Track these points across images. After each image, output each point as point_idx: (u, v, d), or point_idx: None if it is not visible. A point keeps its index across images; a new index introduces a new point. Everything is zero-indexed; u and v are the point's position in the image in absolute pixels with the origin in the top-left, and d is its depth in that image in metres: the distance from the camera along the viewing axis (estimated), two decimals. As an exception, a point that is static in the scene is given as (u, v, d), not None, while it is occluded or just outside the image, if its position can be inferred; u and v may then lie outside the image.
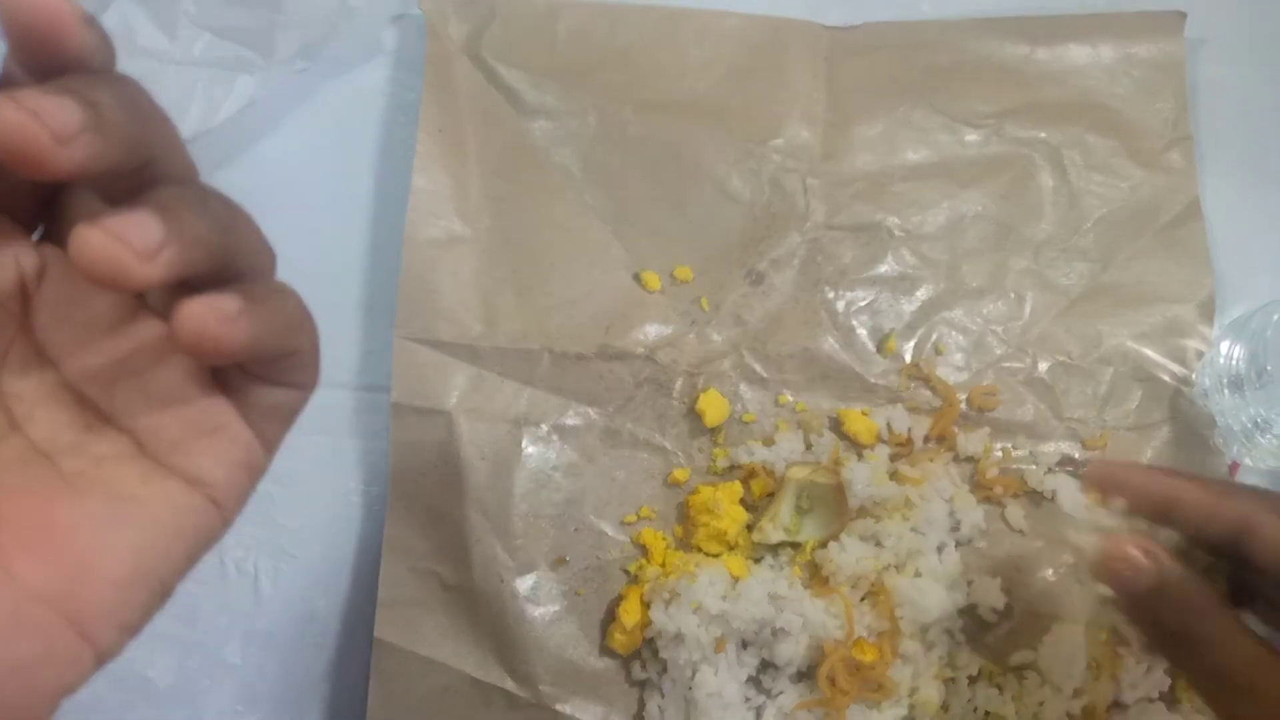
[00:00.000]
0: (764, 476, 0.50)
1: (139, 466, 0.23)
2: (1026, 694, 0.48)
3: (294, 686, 0.50)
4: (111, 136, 0.19)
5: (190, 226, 0.20)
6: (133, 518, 0.23)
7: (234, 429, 0.24)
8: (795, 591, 0.47)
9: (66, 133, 0.18)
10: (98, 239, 0.19)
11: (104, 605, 0.22)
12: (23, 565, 0.21)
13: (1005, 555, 0.50)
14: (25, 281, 0.23)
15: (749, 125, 0.56)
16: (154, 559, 0.23)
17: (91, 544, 0.22)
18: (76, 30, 0.19)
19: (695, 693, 0.46)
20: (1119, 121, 0.56)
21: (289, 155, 0.57)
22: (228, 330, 0.21)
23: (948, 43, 0.57)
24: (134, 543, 0.22)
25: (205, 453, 0.24)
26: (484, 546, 0.49)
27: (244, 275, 0.22)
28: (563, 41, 0.56)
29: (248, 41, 0.52)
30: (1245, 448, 0.49)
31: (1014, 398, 0.52)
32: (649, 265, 0.54)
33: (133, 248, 0.19)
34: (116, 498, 0.23)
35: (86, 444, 0.23)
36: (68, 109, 0.18)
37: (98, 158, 0.19)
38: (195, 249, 0.20)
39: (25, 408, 0.23)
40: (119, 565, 0.22)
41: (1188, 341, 0.52)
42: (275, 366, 0.24)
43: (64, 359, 0.23)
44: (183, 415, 0.24)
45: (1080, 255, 0.54)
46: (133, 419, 0.23)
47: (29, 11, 0.19)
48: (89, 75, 0.20)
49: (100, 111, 0.19)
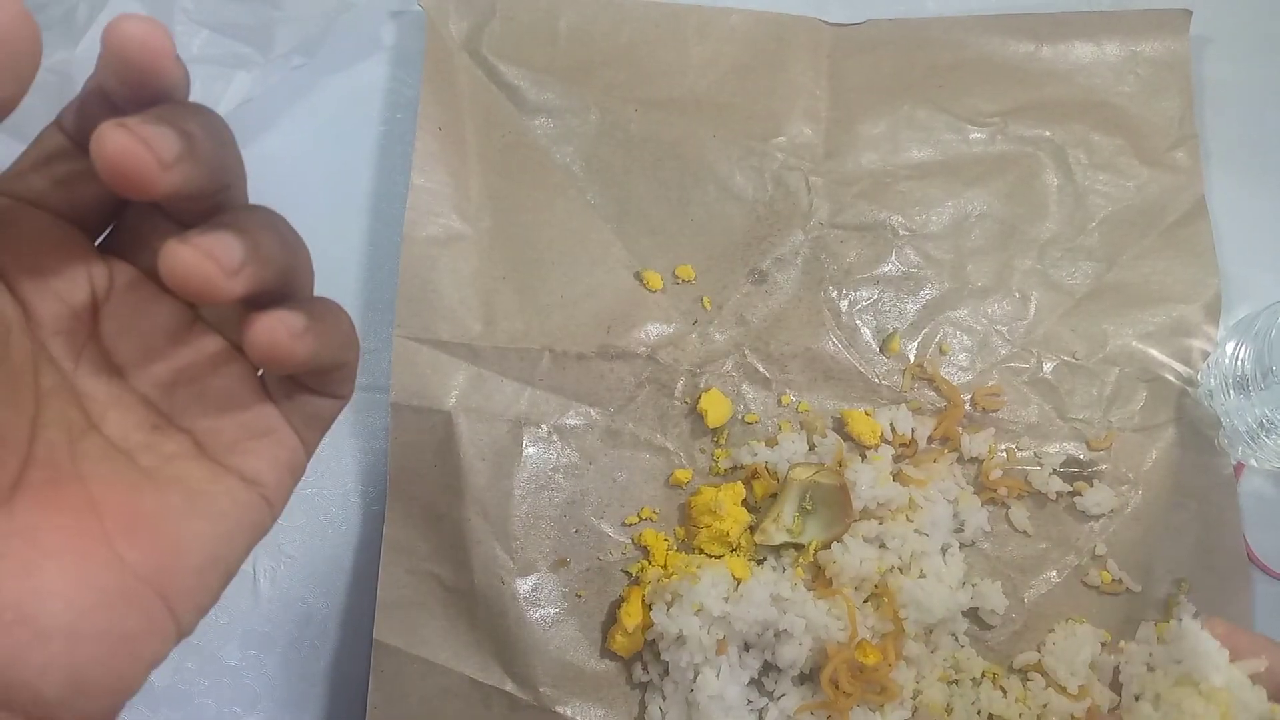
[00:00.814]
0: (766, 477, 0.50)
1: (204, 465, 0.25)
2: (1030, 696, 0.47)
3: (293, 688, 0.50)
4: (202, 162, 0.21)
5: (265, 247, 0.22)
6: (207, 510, 0.24)
7: (282, 433, 0.26)
8: (798, 593, 0.46)
9: (168, 159, 0.20)
10: (189, 255, 0.21)
11: (187, 587, 0.24)
12: (126, 547, 0.23)
13: (1009, 557, 0.50)
14: (96, 292, 0.24)
15: (752, 123, 0.55)
16: (224, 548, 0.25)
17: (177, 531, 0.24)
18: (171, 64, 0.21)
19: (697, 695, 0.45)
20: (1124, 120, 0.55)
21: (287, 152, 0.56)
22: (295, 344, 0.23)
23: (951, 40, 0.56)
24: (209, 532, 0.24)
25: (258, 454, 0.26)
26: (484, 548, 0.49)
27: (298, 294, 0.25)
28: (564, 39, 0.56)
29: (246, 38, 0.52)
30: (1250, 449, 0.49)
31: (1018, 398, 0.52)
32: (651, 264, 0.53)
33: (219, 264, 0.21)
34: (192, 491, 0.24)
35: (156, 443, 0.25)
36: (169, 138, 0.20)
37: (190, 182, 0.21)
38: (268, 268, 0.23)
39: (99, 408, 0.24)
40: (199, 552, 0.24)
41: (1193, 342, 0.52)
42: (324, 378, 0.26)
43: (129, 365, 0.25)
44: (237, 419, 0.26)
45: (1085, 254, 0.54)
46: (192, 422, 0.25)
47: (134, 45, 0.21)
48: (180, 106, 0.22)
49: (193, 140, 0.21)
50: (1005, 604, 0.49)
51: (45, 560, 0.22)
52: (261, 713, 0.50)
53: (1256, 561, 0.50)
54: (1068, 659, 0.47)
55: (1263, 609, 0.49)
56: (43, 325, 0.23)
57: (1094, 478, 0.51)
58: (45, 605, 0.21)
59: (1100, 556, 0.50)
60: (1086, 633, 0.48)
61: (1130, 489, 0.50)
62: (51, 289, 0.23)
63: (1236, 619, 0.49)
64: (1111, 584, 0.49)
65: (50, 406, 0.23)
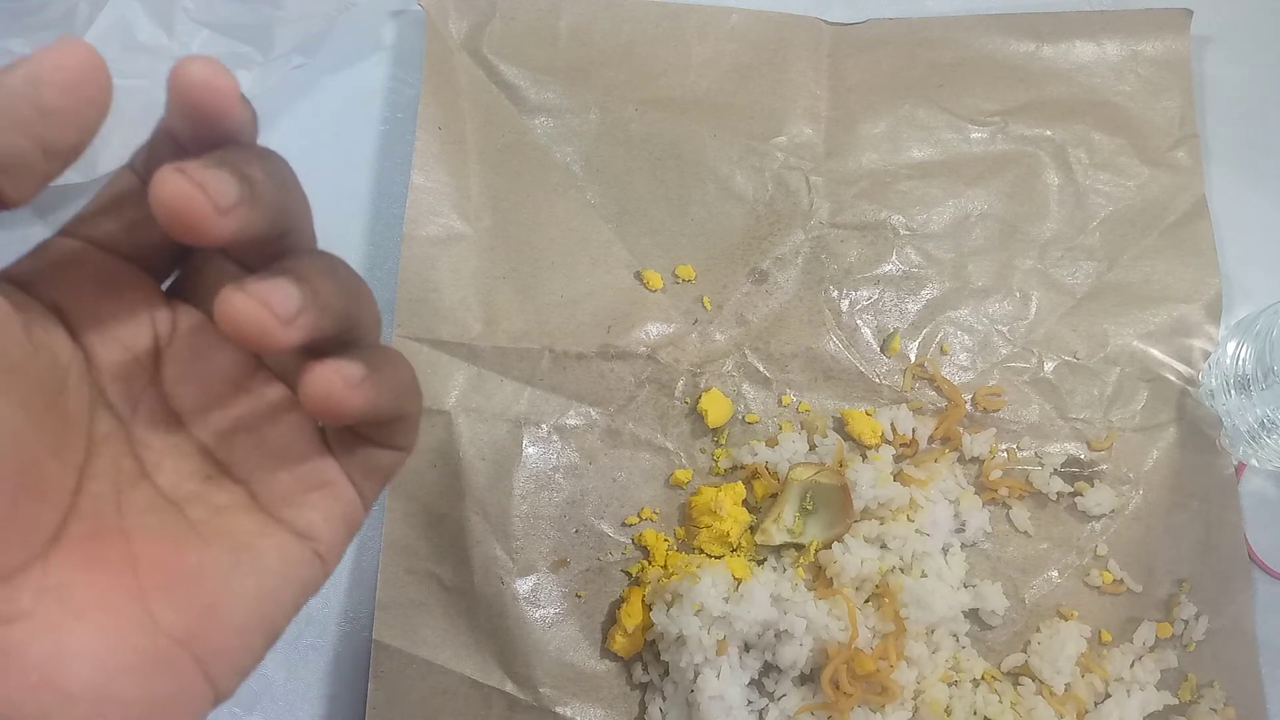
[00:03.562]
0: (767, 477, 0.50)
1: (255, 518, 0.24)
2: (1021, 701, 0.47)
3: (292, 688, 0.50)
4: (262, 208, 0.21)
5: (323, 294, 0.22)
6: (253, 566, 0.23)
7: (340, 486, 0.25)
8: (799, 593, 0.46)
9: (226, 204, 0.20)
10: (243, 302, 0.20)
11: (226, 649, 0.23)
12: (160, 607, 0.22)
13: (1010, 557, 0.50)
14: (159, 338, 0.24)
15: (752, 122, 0.55)
16: (270, 606, 0.24)
17: (218, 589, 0.23)
18: (236, 107, 0.21)
19: (697, 696, 0.45)
20: (1125, 119, 0.55)
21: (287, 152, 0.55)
22: (351, 395, 0.22)
23: (952, 39, 0.56)
24: (254, 590, 0.23)
25: (314, 507, 0.25)
26: (484, 548, 0.48)
27: (360, 342, 0.24)
28: (564, 38, 0.56)
29: (246, 37, 0.52)
30: (1251, 449, 0.49)
31: (1019, 398, 0.52)
32: (651, 264, 0.53)
33: (274, 313, 0.20)
34: (239, 546, 0.23)
35: (208, 494, 0.24)
36: (227, 182, 0.20)
37: (249, 227, 0.21)
38: (327, 315, 0.22)
39: (155, 457, 0.24)
40: (241, 612, 0.23)
41: (1194, 341, 0.52)
42: (384, 429, 0.25)
43: (188, 412, 0.24)
44: (295, 471, 0.25)
45: (1086, 254, 0.54)
46: (248, 472, 0.24)
47: (198, 89, 0.20)
48: (243, 149, 0.21)
49: (254, 185, 0.21)
50: (1006, 604, 0.49)
51: (75, 620, 0.21)
52: (261, 713, 0.50)
53: (1258, 561, 0.50)
54: (1052, 657, 0.47)
55: (1263, 609, 0.49)
56: (103, 371, 0.23)
57: (1095, 478, 0.50)
58: (72, 668, 0.20)
59: (1101, 557, 0.50)
60: (1071, 629, 0.48)
61: (1131, 489, 0.50)
62: (115, 334, 0.23)
63: (1237, 619, 0.49)
64: (1112, 584, 0.49)
65: (102, 455, 0.23)
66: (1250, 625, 0.49)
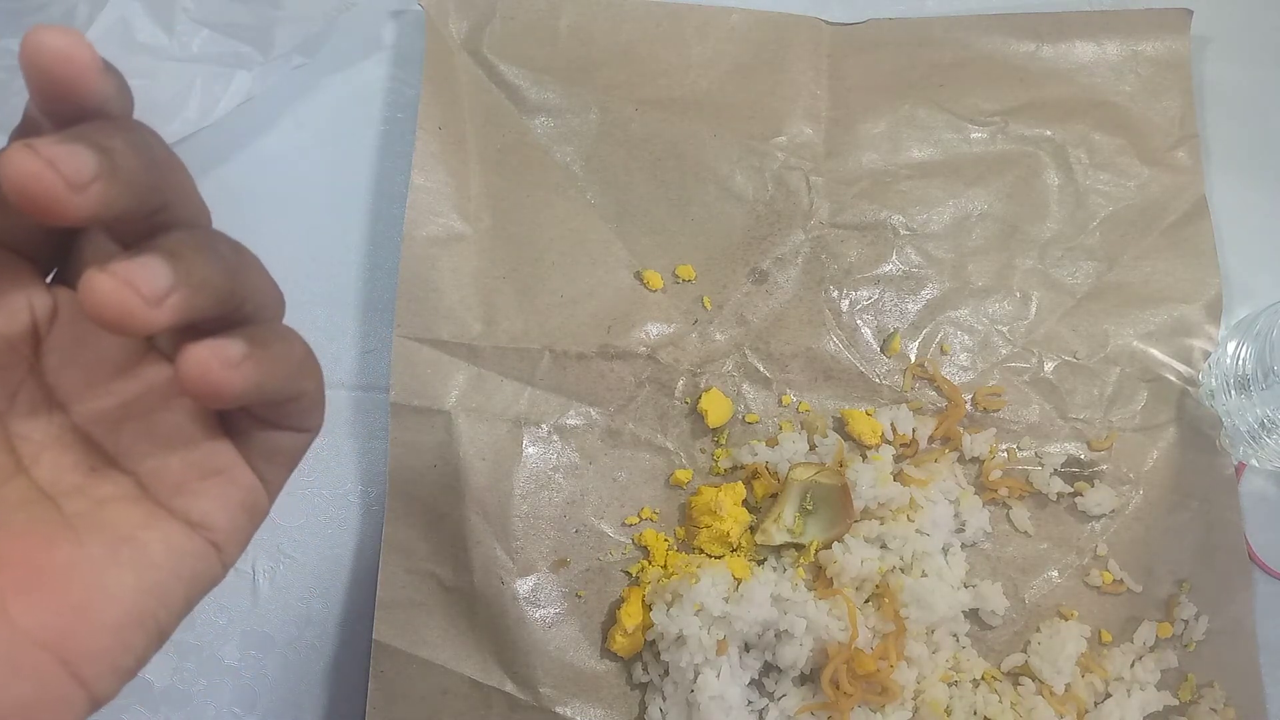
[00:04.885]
0: (767, 477, 0.50)
1: (141, 509, 0.23)
2: (1021, 701, 0.47)
3: (292, 688, 0.50)
4: (124, 183, 0.20)
5: (198, 271, 0.20)
6: (132, 560, 0.22)
7: (237, 472, 0.24)
8: (799, 593, 0.46)
9: (80, 180, 0.19)
10: (106, 284, 0.19)
11: (100, 649, 0.22)
12: (19, 607, 0.21)
13: (1010, 557, 0.50)
14: (38, 324, 0.23)
15: (752, 122, 0.55)
16: (152, 602, 0.23)
17: (89, 586, 0.22)
18: (95, 78, 0.20)
19: (697, 695, 0.45)
20: (1125, 119, 0.55)
21: (287, 152, 0.56)
22: (230, 375, 0.21)
23: (952, 39, 0.56)
24: (132, 585, 0.22)
25: (207, 495, 0.24)
26: (484, 548, 0.48)
27: (251, 319, 0.22)
28: (564, 38, 0.56)
29: (246, 37, 0.52)
30: (1251, 449, 0.49)
31: (1019, 398, 0.52)
32: (651, 264, 0.53)
33: (140, 293, 0.19)
34: (117, 540, 0.22)
35: (90, 486, 0.23)
36: (81, 157, 0.19)
37: (110, 204, 0.19)
38: (202, 294, 0.21)
39: (33, 449, 0.23)
40: (116, 608, 0.22)
41: (1194, 341, 0.52)
42: (279, 410, 0.24)
43: (72, 401, 0.23)
44: (186, 458, 0.24)
45: (1086, 254, 0.54)
46: (137, 461, 0.23)
47: (50, 59, 0.19)
48: (104, 122, 0.20)
49: (113, 158, 0.19)
50: (1006, 605, 0.49)
51: None
52: (261, 713, 0.50)
53: (1258, 561, 0.50)
54: (1052, 656, 0.47)
55: (1263, 609, 0.49)
56: None
57: (1095, 478, 0.50)
58: None
59: (1101, 557, 0.50)
60: (1072, 629, 0.48)
61: (1131, 489, 0.50)
62: None
63: (1237, 619, 0.49)
64: (1112, 584, 0.49)
65: None
66: (1250, 625, 0.49)
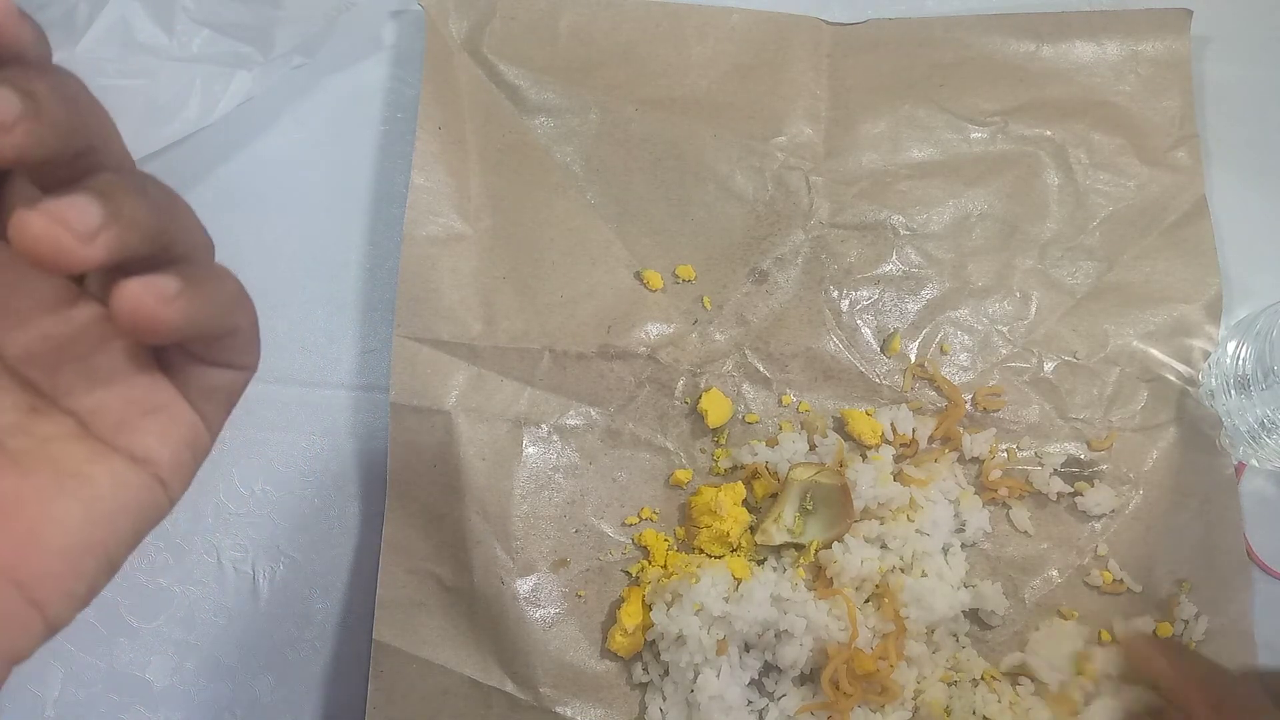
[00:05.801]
0: (767, 477, 0.50)
1: (85, 446, 0.24)
2: (1019, 701, 0.47)
3: (292, 688, 0.50)
4: (49, 125, 0.20)
5: (129, 210, 0.21)
6: (79, 492, 0.23)
7: (176, 409, 0.25)
8: (799, 593, 0.46)
9: (5, 121, 0.19)
10: (38, 222, 0.19)
11: (52, 574, 0.23)
12: None
13: (1010, 557, 0.50)
14: None
15: (752, 122, 0.55)
16: (101, 532, 0.23)
17: (37, 516, 0.23)
18: (12, 25, 0.20)
19: (697, 695, 0.45)
20: (1125, 119, 0.55)
21: (287, 152, 0.56)
22: (164, 310, 0.22)
23: (952, 39, 0.56)
24: (80, 515, 0.23)
25: (149, 432, 0.24)
26: (484, 548, 0.48)
27: (182, 260, 0.23)
28: (564, 38, 0.56)
29: (246, 37, 0.52)
30: (1251, 449, 0.49)
31: (1019, 398, 0.52)
32: (651, 264, 0.53)
33: (72, 230, 0.20)
34: (62, 474, 0.23)
35: (31, 425, 0.24)
36: (6, 98, 0.19)
37: (36, 145, 0.20)
38: (133, 232, 0.21)
39: None
40: (66, 536, 0.23)
41: (1194, 341, 0.52)
42: (215, 347, 0.25)
43: (5, 343, 0.24)
44: (125, 395, 0.24)
45: (1086, 254, 0.54)
46: (76, 400, 0.24)
47: None
48: (25, 67, 0.20)
49: (38, 100, 0.20)
50: (1006, 604, 0.49)
51: None
52: (262, 713, 0.50)
53: (1258, 561, 0.50)
54: (1050, 654, 0.47)
55: (1263, 609, 0.49)
56: None
57: (1095, 478, 0.50)
58: None
59: (1101, 557, 0.50)
60: (1070, 629, 0.48)
61: (1131, 489, 0.50)
62: None
63: (1237, 619, 0.49)
64: (1112, 584, 0.49)
65: None
66: (1250, 625, 0.49)
